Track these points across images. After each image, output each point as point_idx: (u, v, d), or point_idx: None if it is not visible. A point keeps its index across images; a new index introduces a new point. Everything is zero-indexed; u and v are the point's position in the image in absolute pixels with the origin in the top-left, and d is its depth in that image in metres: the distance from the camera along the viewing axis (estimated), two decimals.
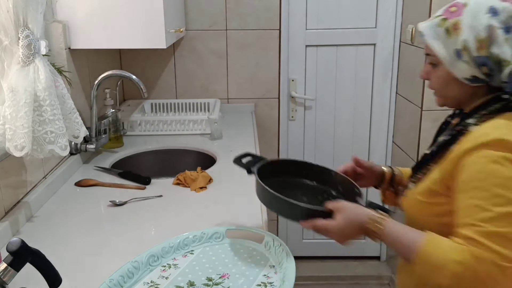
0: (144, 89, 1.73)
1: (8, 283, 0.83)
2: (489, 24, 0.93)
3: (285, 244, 1.05)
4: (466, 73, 0.98)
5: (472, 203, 0.89)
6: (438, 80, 1.04)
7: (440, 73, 1.02)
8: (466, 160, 0.92)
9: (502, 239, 0.85)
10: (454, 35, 0.97)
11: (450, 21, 0.98)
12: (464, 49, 0.96)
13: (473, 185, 0.90)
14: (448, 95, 1.05)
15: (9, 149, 1.18)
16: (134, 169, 1.74)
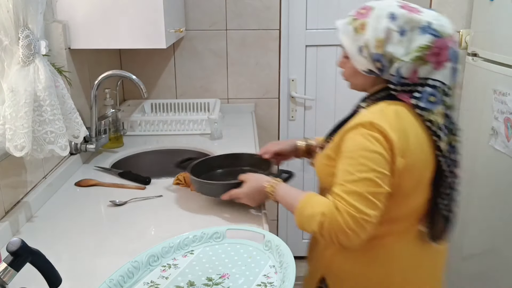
0: (144, 89, 1.73)
1: (8, 283, 0.83)
2: (388, 27, 1.10)
3: (285, 244, 1.05)
4: (364, 66, 1.16)
5: (344, 168, 1.10)
6: (349, 70, 1.22)
7: (350, 64, 1.20)
8: (347, 135, 1.12)
9: (360, 197, 1.05)
10: (360, 33, 1.13)
11: (359, 21, 1.14)
12: (365, 46, 1.13)
13: (347, 155, 1.11)
14: (355, 83, 1.24)
15: (9, 149, 1.18)
16: (134, 169, 1.74)
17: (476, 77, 1.99)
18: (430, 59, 1.10)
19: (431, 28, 1.10)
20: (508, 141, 1.75)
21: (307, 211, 1.12)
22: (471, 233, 2.05)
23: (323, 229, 1.07)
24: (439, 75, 1.11)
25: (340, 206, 1.06)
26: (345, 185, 1.07)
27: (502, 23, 1.79)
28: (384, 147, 1.07)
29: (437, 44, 1.10)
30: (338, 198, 1.07)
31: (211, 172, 1.59)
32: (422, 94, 1.11)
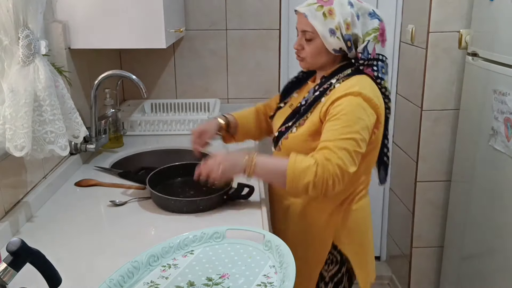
0: (144, 89, 1.72)
1: (8, 283, 0.83)
2: (351, 12, 1.34)
3: (285, 244, 1.05)
4: (336, 46, 1.36)
5: (333, 128, 1.29)
6: (312, 51, 1.39)
7: (314, 45, 1.38)
8: (336, 103, 1.31)
9: (347, 153, 1.26)
10: (329, 18, 1.33)
11: (325, 7, 1.34)
12: (337, 29, 1.33)
13: (337, 117, 1.29)
14: (316, 62, 1.41)
15: (9, 149, 1.18)
16: (134, 169, 1.74)
17: (476, 77, 1.99)
18: (380, 39, 1.38)
19: (376, 14, 1.38)
20: (508, 141, 1.75)
21: (300, 166, 1.26)
22: (471, 233, 2.05)
23: (317, 176, 1.24)
24: (383, 51, 1.40)
25: (331, 157, 1.25)
26: (336, 141, 1.27)
27: (502, 23, 1.79)
28: (368, 114, 1.30)
29: (381, 27, 1.38)
30: (328, 151, 1.26)
31: (168, 181, 1.56)
32: (378, 67, 1.38)
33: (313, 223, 1.46)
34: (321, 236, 1.47)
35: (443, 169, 2.31)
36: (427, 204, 2.37)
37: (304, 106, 1.40)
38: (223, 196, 1.41)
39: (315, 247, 1.48)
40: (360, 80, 1.34)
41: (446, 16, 2.12)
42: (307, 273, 1.49)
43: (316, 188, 1.25)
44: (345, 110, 1.29)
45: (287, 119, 1.45)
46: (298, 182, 1.26)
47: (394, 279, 2.73)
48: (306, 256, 1.47)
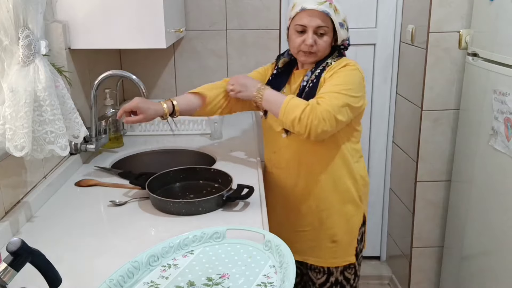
0: (144, 89, 1.72)
1: (8, 283, 0.83)
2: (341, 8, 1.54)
3: (285, 244, 1.05)
4: (345, 36, 1.58)
5: (333, 84, 1.49)
6: (325, 44, 1.56)
7: (326, 39, 1.55)
8: (337, 72, 1.52)
9: (339, 103, 1.45)
10: (337, 13, 1.53)
11: (332, 4, 1.52)
12: (343, 21, 1.55)
13: (337, 76, 1.51)
14: (324, 54, 1.58)
15: (9, 149, 1.18)
16: (134, 169, 1.74)
17: (476, 77, 1.99)
18: None
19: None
20: (508, 141, 1.75)
21: (294, 102, 1.46)
22: (471, 233, 2.05)
23: (303, 113, 1.42)
24: None
25: (322, 102, 1.43)
26: (331, 93, 1.45)
27: (502, 23, 1.79)
28: (362, 83, 1.54)
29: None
30: (321, 99, 1.45)
31: (168, 186, 1.57)
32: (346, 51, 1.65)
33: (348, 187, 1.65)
34: (356, 199, 1.67)
35: (443, 169, 2.31)
36: (427, 204, 2.36)
37: (310, 85, 1.55)
38: (222, 197, 1.41)
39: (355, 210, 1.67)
40: (349, 59, 1.59)
41: (446, 16, 2.11)
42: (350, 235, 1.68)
43: (300, 124, 1.43)
44: (343, 73, 1.51)
45: None
46: (288, 115, 1.45)
47: (394, 279, 2.73)
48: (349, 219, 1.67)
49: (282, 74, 1.68)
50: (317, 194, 1.64)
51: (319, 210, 1.65)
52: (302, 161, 1.62)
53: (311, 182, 1.63)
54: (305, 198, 1.65)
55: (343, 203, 1.65)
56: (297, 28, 1.54)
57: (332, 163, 1.61)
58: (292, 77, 1.66)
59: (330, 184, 1.62)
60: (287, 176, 1.67)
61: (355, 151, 1.65)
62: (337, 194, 1.64)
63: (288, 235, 1.62)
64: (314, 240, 1.68)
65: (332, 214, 1.65)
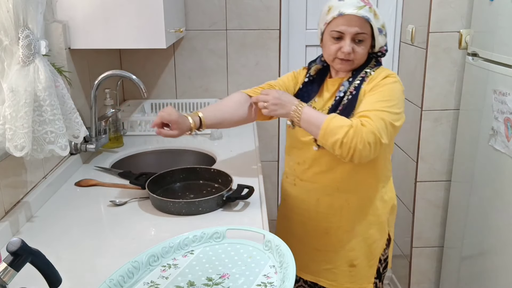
0: (144, 89, 1.72)
1: (8, 283, 0.83)
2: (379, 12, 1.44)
3: (285, 244, 1.05)
4: (383, 43, 1.47)
5: (375, 99, 1.37)
6: (363, 52, 1.45)
7: (364, 47, 1.45)
8: (378, 84, 1.41)
9: (384, 124, 1.33)
10: (376, 18, 1.42)
11: (372, 8, 1.42)
12: (382, 27, 1.44)
13: (378, 91, 1.39)
14: (361, 62, 1.48)
15: (9, 149, 1.18)
16: (134, 169, 1.74)
17: (476, 77, 1.99)
18: None
19: None
20: (508, 141, 1.75)
21: (335, 123, 1.33)
22: (471, 233, 2.05)
23: (346, 137, 1.30)
24: None
25: (367, 124, 1.31)
26: (375, 111, 1.34)
27: (502, 23, 1.79)
28: (402, 97, 1.43)
29: None
30: (366, 118, 1.33)
31: (168, 186, 1.57)
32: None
33: (376, 211, 1.53)
34: (382, 223, 1.56)
35: (443, 169, 2.31)
36: (427, 204, 2.36)
37: (349, 97, 1.44)
38: (222, 197, 1.41)
39: (379, 235, 1.56)
40: (388, 69, 1.49)
41: (446, 16, 2.11)
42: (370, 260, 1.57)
43: (342, 148, 1.32)
44: (385, 87, 1.40)
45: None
46: (329, 137, 1.33)
47: (394, 279, 2.73)
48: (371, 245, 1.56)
49: (313, 82, 1.56)
50: (342, 213, 1.52)
51: (341, 231, 1.53)
52: (331, 176, 1.49)
53: (337, 200, 1.51)
54: (327, 217, 1.53)
55: (368, 226, 1.53)
56: (333, 35, 1.43)
57: (364, 182, 1.50)
58: (325, 86, 1.54)
59: (357, 204, 1.51)
60: (311, 190, 1.54)
61: (387, 170, 1.56)
62: (363, 216, 1.52)
63: (303, 253, 1.57)
64: (331, 262, 1.57)
65: (355, 236, 1.53)
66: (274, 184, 2.64)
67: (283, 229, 1.69)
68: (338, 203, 1.51)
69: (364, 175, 1.48)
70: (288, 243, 1.41)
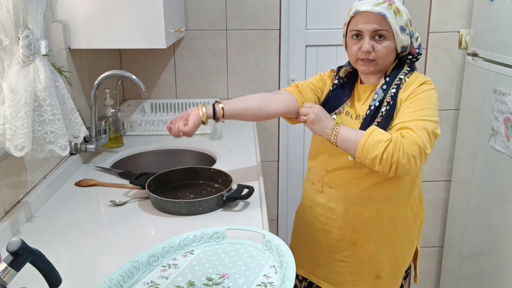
0: (144, 89, 1.73)
1: (8, 283, 0.83)
2: (406, 10, 1.38)
3: (285, 244, 1.05)
4: (405, 42, 1.38)
5: (411, 110, 1.30)
6: (385, 50, 1.37)
7: (386, 45, 1.36)
8: (414, 91, 1.34)
9: (427, 133, 1.26)
10: (398, 16, 1.35)
11: (393, 6, 1.34)
12: (406, 25, 1.36)
13: (414, 100, 1.32)
14: (386, 62, 1.40)
15: (9, 149, 1.18)
16: (134, 169, 1.74)
17: (476, 77, 1.99)
18: None
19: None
20: (508, 141, 1.75)
21: (372, 139, 1.26)
22: (471, 233, 2.05)
23: (386, 152, 1.23)
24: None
25: (408, 136, 1.24)
26: (415, 121, 1.27)
27: (502, 23, 1.79)
28: (437, 104, 1.36)
29: None
30: (407, 130, 1.26)
31: (168, 186, 1.56)
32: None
33: (406, 224, 1.49)
34: (411, 235, 1.52)
35: (443, 169, 2.31)
36: (427, 204, 2.36)
37: (387, 108, 1.36)
38: (222, 197, 1.41)
39: (406, 248, 1.52)
40: (421, 75, 1.42)
41: (446, 16, 2.12)
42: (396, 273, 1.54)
43: (382, 164, 1.25)
44: (423, 95, 1.33)
45: (365, 126, 1.37)
46: (367, 154, 1.27)
47: None
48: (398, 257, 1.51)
49: (344, 85, 1.48)
50: (372, 224, 1.45)
51: (369, 242, 1.46)
52: (363, 185, 1.41)
53: (368, 210, 1.43)
54: (356, 227, 1.46)
55: (397, 238, 1.47)
56: (352, 34, 1.38)
57: (398, 192, 1.43)
58: (356, 92, 1.47)
59: (388, 215, 1.44)
60: (340, 198, 1.46)
61: (419, 180, 1.49)
62: (393, 227, 1.46)
63: (326, 263, 1.53)
64: (357, 274, 1.50)
65: (383, 248, 1.47)
66: (274, 184, 2.64)
67: (304, 236, 1.61)
68: (369, 213, 1.43)
69: (398, 185, 1.41)
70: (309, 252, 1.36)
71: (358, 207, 1.44)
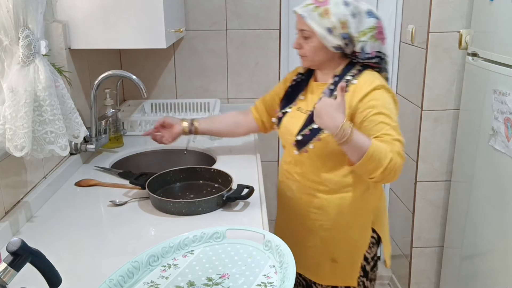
0: (144, 89, 1.72)
1: (8, 283, 0.83)
2: (346, 12, 1.41)
3: (285, 244, 1.05)
4: (335, 43, 1.43)
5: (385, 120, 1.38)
6: (311, 48, 1.46)
7: (312, 44, 1.45)
8: (365, 99, 1.39)
9: (399, 143, 1.37)
10: (325, 17, 1.40)
11: (321, 8, 1.41)
12: (334, 28, 1.41)
13: (380, 110, 1.38)
14: (316, 59, 1.49)
15: (9, 149, 1.18)
16: (134, 169, 1.74)
17: (476, 77, 1.99)
18: (378, 37, 1.45)
19: (373, 13, 1.45)
20: (508, 141, 1.75)
21: (382, 149, 1.32)
22: (471, 233, 2.05)
23: (391, 163, 1.32)
24: (384, 49, 1.49)
25: (400, 151, 1.36)
26: (386, 136, 1.36)
27: (502, 23, 1.79)
28: (393, 103, 1.43)
29: (379, 25, 1.45)
30: (397, 143, 1.36)
31: (168, 186, 1.57)
32: (381, 63, 1.49)
33: (355, 212, 1.55)
34: (364, 223, 1.58)
35: (443, 169, 2.31)
36: (427, 204, 2.36)
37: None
38: (222, 197, 1.41)
39: (360, 234, 1.59)
40: (373, 75, 1.46)
41: (446, 16, 2.11)
42: (353, 257, 1.61)
43: (384, 175, 1.33)
44: (379, 103, 1.39)
45: (308, 122, 1.48)
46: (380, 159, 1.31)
47: (394, 279, 2.73)
48: (352, 243, 1.59)
49: (301, 83, 1.61)
50: (322, 213, 1.56)
51: (322, 229, 1.58)
52: (312, 178, 1.54)
53: (318, 200, 1.55)
54: (309, 215, 1.58)
55: (347, 226, 1.56)
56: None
57: (344, 184, 1.52)
58: (310, 88, 1.57)
59: (338, 205, 1.54)
60: (295, 189, 1.60)
61: None
62: (342, 215, 1.55)
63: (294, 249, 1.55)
64: (316, 257, 1.62)
65: (335, 234, 1.58)
66: (274, 184, 2.64)
67: (279, 226, 1.76)
68: (319, 203, 1.55)
69: (344, 178, 1.51)
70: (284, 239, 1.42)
71: (310, 197, 1.57)
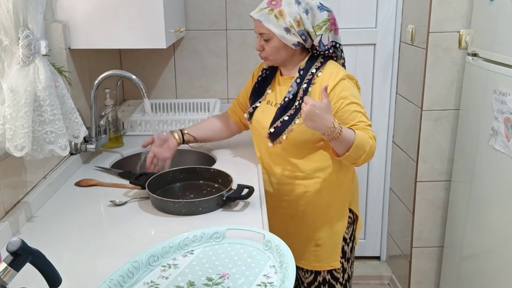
0: (144, 89, 1.72)
1: (8, 283, 0.83)
2: (299, 10, 1.49)
3: (285, 244, 1.05)
4: (294, 41, 1.52)
5: (355, 109, 1.50)
6: (272, 50, 1.56)
7: (273, 44, 1.54)
8: (335, 90, 1.50)
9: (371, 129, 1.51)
10: (281, 19, 1.49)
11: (276, 10, 1.50)
12: (290, 27, 1.50)
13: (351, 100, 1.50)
14: (278, 58, 1.58)
15: (9, 149, 1.18)
16: (134, 169, 1.74)
17: (476, 77, 1.99)
18: (331, 28, 1.54)
19: (324, 6, 1.52)
20: (508, 141, 1.75)
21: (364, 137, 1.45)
22: (471, 233, 2.05)
23: (371, 148, 1.47)
24: (338, 39, 1.59)
25: (374, 135, 1.49)
26: (366, 120, 1.50)
27: (502, 23, 1.79)
28: (357, 90, 1.56)
29: (331, 17, 1.54)
30: (369, 129, 1.49)
31: (168, 186, 1.58)
32: (337, 52, 1.60)
33: (333, 194, 1.64)
34: (341, 204, 1.67)
35: (443, 169, 2.31)
36: (427, 204, 2.36)
37: (299, 101, 1.53)
38: (222, 197, 1.41)
39: (339, 215, 1.67)
40: (336, 65, 1.58)
41: (446, 16, 2.11)
42: (334, 240, 1.67)
43: (365, 160, 1.48)
44: (348, 93, 1.50)
45: (278, 114, 1.57)
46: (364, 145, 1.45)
47: (394, 279, 2.73)
48: (332, 225, 1.66)
49: (267, 77, 1.69)
50: (303, 199, 1.64)
51: (304, 214, 1.66)
52: (287, 167, 1.63)
53: (297, 187, 1.64)
54: (291, 203, 1.66)
55: (327, 209, 1.65)
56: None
57: (321, 168, 1.61)
58: (277, 82, 1.66)
59: (315, 189, 1.62)
60: (273, 180, 1.68)
61: None
62: (322, 199, 1.64)
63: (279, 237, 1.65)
64: (300, 243, 1.68)
65: (317, 218, 1.66)
66: None
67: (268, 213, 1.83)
68: (298, 189, 1.63)
69: (318, 163, 1.60)
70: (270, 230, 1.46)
71: (288, 186, 1.64)
